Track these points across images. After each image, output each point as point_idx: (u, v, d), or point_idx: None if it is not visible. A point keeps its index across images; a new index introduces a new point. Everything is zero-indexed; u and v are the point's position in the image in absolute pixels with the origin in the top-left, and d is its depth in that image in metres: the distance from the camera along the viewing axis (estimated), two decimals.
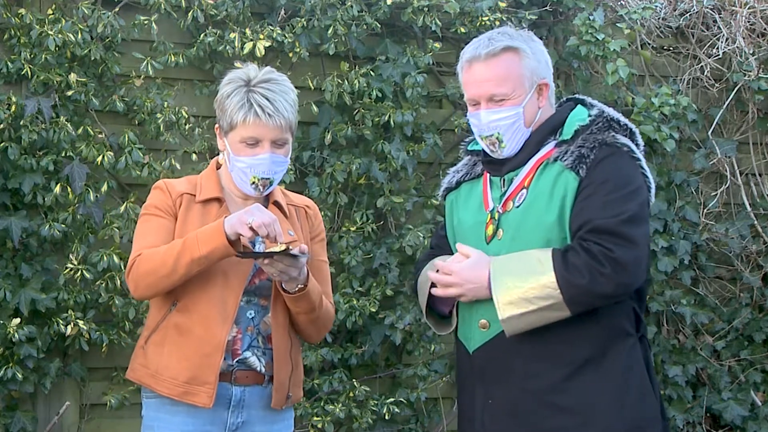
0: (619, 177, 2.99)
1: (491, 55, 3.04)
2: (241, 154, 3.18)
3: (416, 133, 5.14)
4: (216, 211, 3.23)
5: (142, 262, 3.15)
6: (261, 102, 3.15)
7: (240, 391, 3.19)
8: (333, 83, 4.95)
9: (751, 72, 5.62)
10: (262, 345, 3.22)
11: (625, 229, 2.93)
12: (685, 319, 5.59)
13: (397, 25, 5.19)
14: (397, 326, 5.05)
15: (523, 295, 2.93)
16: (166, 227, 3.21)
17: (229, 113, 3.18)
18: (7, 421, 4.56)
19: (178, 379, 3.14)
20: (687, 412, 5.60)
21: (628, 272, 2.93)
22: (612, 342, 3.03)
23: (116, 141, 4.70)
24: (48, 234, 4.54)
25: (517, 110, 3.04)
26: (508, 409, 3.03)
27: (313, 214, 3.41)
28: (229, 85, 3.22)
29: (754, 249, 5.72)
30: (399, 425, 5.18)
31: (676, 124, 5.44)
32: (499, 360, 3.04)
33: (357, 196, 5.11)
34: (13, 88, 4.60)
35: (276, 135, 3.17)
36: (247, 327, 3.20)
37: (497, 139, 3.06)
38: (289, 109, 3.19)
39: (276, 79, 3.22)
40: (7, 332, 4.44)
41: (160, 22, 4.75)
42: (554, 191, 3.01)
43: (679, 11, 5.72)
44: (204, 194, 3.24)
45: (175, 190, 3.25)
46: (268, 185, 3.22)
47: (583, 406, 2.98)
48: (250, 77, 3.20)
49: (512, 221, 3.05)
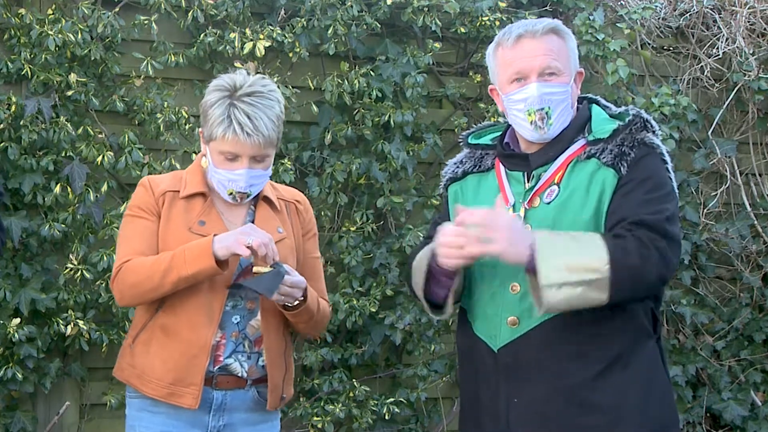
0: (658, 177, 2.99)
1: (545, 31, 3.03)
2: (220, 167, 3.16)
3: (416, 133, 5.14)
4: (201, 205, 3.21)
5: (127, 273, 3.13)
6: (241, 120, 3.09)
7: (221, 395, 3.17)
8: (333, 83, 4.95)
9: (751, 72, 5.62)
10: (248, 350, 3.19)
11: (666, 227, 2.93)
12: (685, 319, 5.59)
13: (397, 25, 5.19)
14: (397, 326, 5.05)
15: (570, 263, 2.85)
16: (149, 229, 3.19)
17: (210, 124, 3.14)
18: (7, 421, 4.56)
19: (164, 380, 3.13)
20: (687, 412, 5.60)
21: (670, 266, 2.93)
22: (637, 342, 3.02)
23: (116, 141, 4.71)
24: (48, 234, 4.54)
25: (567, 87, 3.03)
26: (537, 407, 2.99)
27: (304, 209, 3.38)
28: (215, 93, 3.17)
29: (754, 249, 5.72)
30: (399, 425, 5.18)
31: (676, 124, 5.44)
32: (527, 358, 3.00)
33: (357, 196, 5.11)
34: (13, 88, 4.61)
35: (255, 152, 3.13)
36: (231, 332, 3.17)
37: (546, 113, 3.02)
38: (270, 126, 3.13)
39: (261, 91, 3.16)
40: (7, 332, 4.44)
41: (160, 22, 4.75)
42: (591, 188, 2.98)
43: (679, 11, 5.71)
44: (188, 189, 3.22)
45: (159, 188, 3.22)
46: (246, 197, 3.20)
47: (613, 405, 2.97)
48: (236, 86, 3.15)
49: (543, 218, 3.00)
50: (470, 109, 5.33)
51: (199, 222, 3.19)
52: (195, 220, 3.19)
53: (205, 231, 3.15)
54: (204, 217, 3.20)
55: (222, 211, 3.23)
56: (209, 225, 3.17)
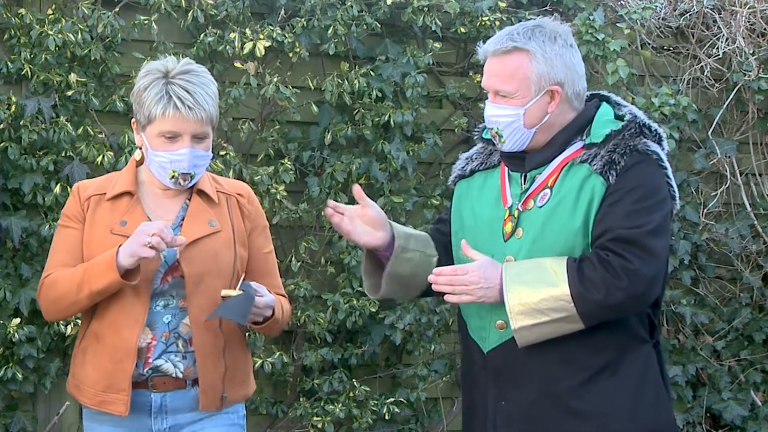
0: (647, 186, 2.95)
1: (501, 52, 3.02)
2: (160, 149, 3.06)
3: (416, 133, 5.14)
4: (126, 204, 3.12)
5: (47, 289, 3.09)
6: (180, 94, 3.02)
7: (160, 397, 3.09)
8: (333, 83, 4.95)
9: (751, 72, 5.62)
10: (182, 349, 3.09)
11: (647, 241, 2.90)
12: (685, 319, 5.59)
13: (397, 25, 5.19)
14: (397, 326, 5.05)
15: (536, 306, 2.90)
16: (74, 239, 3.12)
17: (147, 106, 3.04)
18: (7, 421, 4.56)
19: (95, 388, 3.07)
20: (687, 412, 5.59)
21: (645, 285, 2.90)
22: (628, 348, 3.01)
23: (116, 141, 4.71)
24: (48, 234, 4.54)
25: (518, 111, 3.00)
26: (523, 411, 3.00)
27: (247, 201, 3.25)
28: (147, 77, 3.09)
29: (754, 249, 5.72)
30: (399, 425, 5.17)
31: (676, 124, 5.44)
32: (515, 362, 3.01)
33: None
34: (13, 88, 4.61)
35: (196, 129, 3.04)
36: (162, 333, 3.08)
37: (497, 133, 3.05)
38: (209, 102, 3.06)
39: (195, 70, 3.10)
40: (7, 332, 4.44)
41: (160, 22, 4.75)
42: (580, 196, 2.97)
43: (679, 11, 5.71)
44: (114, 189, 3.14)
45: (85, 193, 3.16)
46: (189, 179, 3.09)
47: (599, 412, 2.96)
48: (168, 69, 3.08)
49: (534, 221, 3.00)
50: (470, 109, 5.33)
51: (121, 222, 3.10)
52: (118, 220, 3.10)
53: (126, 231, 3.04)
54: (126, 216, 3.10)
55: (152, 209, 3.14)
56: (131, 224, 3.06)
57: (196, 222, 3.11)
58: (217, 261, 3.10)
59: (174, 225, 3.11)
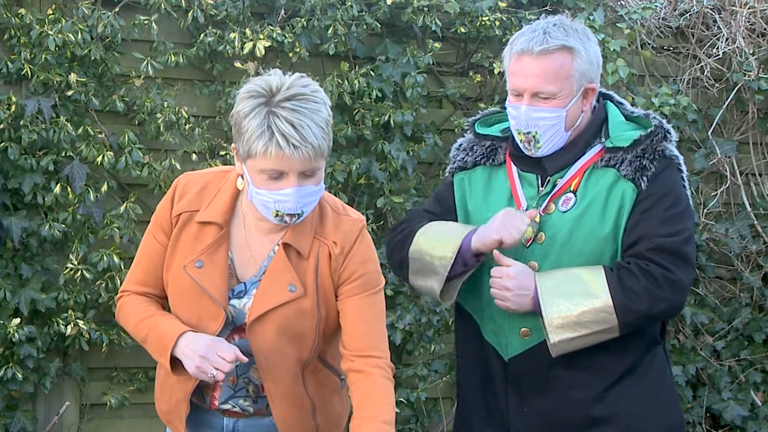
0: (676, 192, 2.93)
1: (546, 52, 2.89)
2: (263, 187, 2.65)
3: (416, 133, 5.14)
4: (212, 237, 2.76)
5: (121, 314, 2.89)
6: (285, 130, 2.57)
7: (232, 422, 2.88)
8: (333, 83, 4.95)
9: (751, 72, 5.62)
10: (252, 394, 2.85)
11: (684, 249, 2.88)
12: (685, 319, 5.59)
13: (397, 25, 5.19)
14: (397, 326, 5.05)
15: (576, 320, 2.84)
16: (158, 255, 2.83)
17: (246, 139, 2.62)
18: (7, 421, 4.56)
19: (162, 411, 2.94)
20: (687, 412, 5.59)
21: (684, 293, 2.89)
22: (648, 351, 3.01)
23: (116, 141, 4.70)
24: (48, 234, 4.54)
25: (561, 112, 2.92)
26: (547, 418, 2.98)
27: (341, 254, 2.77)
28: (248, 100, 2.65)
29: (754, 249, 5.72)
30: (399, 425, 5.17)
31: (676, 124, 5.44)
32: (539, 369, 2.98)
33: (357, 196, 5.11)
34: (13, 88, 4.60)
35: (304, 166, 2.62)
36: (228, 377, 2.81)
37: (533, 137, 2.94)
38: (319, 135, 2.60)
39: (304, 93, 2.63)
40: (7, 332, 4.44)
41: (160, 22, 4.75)
42: (609, 201, 2.92)
43: (679, 11, 5.71)
44: (206, 215, 2.78)
45: (180, 204, 2.81)
46: (297, 218, 2.70)
47: (622, 415, 2.95)
48: (272, 89, 2.63)
49: (559, 226, 2.95)
50: (470, 109, 5.32)
51: (197, 263, 2.77)
52: (197, 256, 2.77)
53: (199, 276, 2.75)
54: (206, 258, 2.76)
55: (238, 249, 2.80)
56: (208, 268, 2.75)
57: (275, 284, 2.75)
58: (294, 333, 2.77)
59: (256, 276, 2.79)
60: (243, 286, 2.79)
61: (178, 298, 2.81)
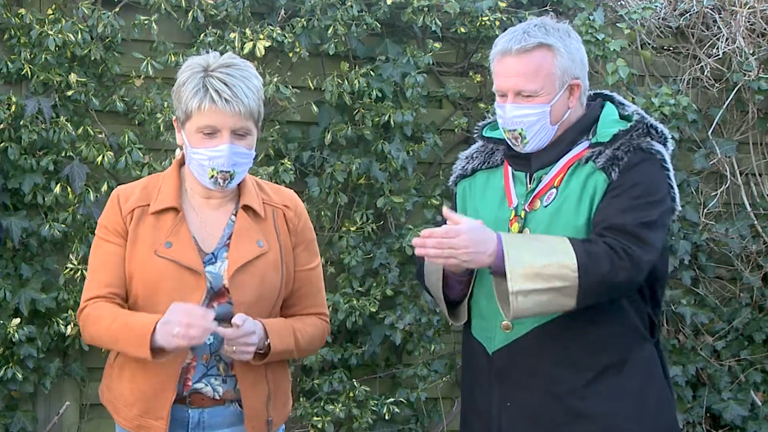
0: (648, 183, 2.95)
1: (524, 50, 2.96)
2: (199, 146, 2.90)
3: (416, 133, 5.14)
4: (171, 222, 2.95)
5: (88, 322, 2.95)
6: (217, 86, 2.86)
7: (198, 413, 2.97)
8: (333, 83, 4.95)
9: (751, 72, 5.62)
10: (223, 372, 2.97)
11: (641, 231, 2.89)
12: (685, 319, 5.59)
13: (397, 25, 5.19)
14: (397, 326, 5.05)
15: (538, 271, 2.83)
16: (117, 256, 2.95)
17: (184, 101, 2.90)
18: (7, 421, 4.56)
19: (133, 410, 2.95)
20: (687, 412, 5.60)
21: (642, 271, 2.89)
22: (631, 347, 3.00)
23: (116, 141, 4.71)
24: (48, 234, 4.54)
25: (544, 108, 2.98)
26: (528, 413, 2.99)
27: (295, 215, 3.07)
28: (186, 72, 2.94)
29: (754, 249, 5.72)
30: (399, 425, 5.17)
31: (676, 124, 5.44)
32: (520, 363, 2.99)
33: (357, 196, 5.11)
34: (13, 88, 4.61)
35: (236, 123, 2.87)
36: (203, 355, 2.94)
37: (520, 134, 3.00)
38: (249, 95, 2.88)
39: (237, 64, 2.93)
40: (7, 332, 4.44)
41: (160, 22, 4.75)
42: (584, 193, 2.96)
43: (679, 11, 5.71)
44: (158, 204, 2.97)
45: (127, 203, 2.99)
46: (229, 179, 2.92)
47: (605, 414, 2.95)
48: (209, 63, 2.93)
49: (540, 221, 2.99)
50: (470, 109, 5.33)
51: (166, 243, 2.93)
52: (162, 240, 2.93)
53: (171, 254, 2.90)
54: (172, 237, 2.94)
55: (197, 226, 2.98)
56: (177, 246, 2.92)
57: (245, 242, 2.96)
58: (265, 284, 2.97)
59: (220, 245, 2.97)
60: (211, 255, 2.96)
61: (154, 283, 2.93)
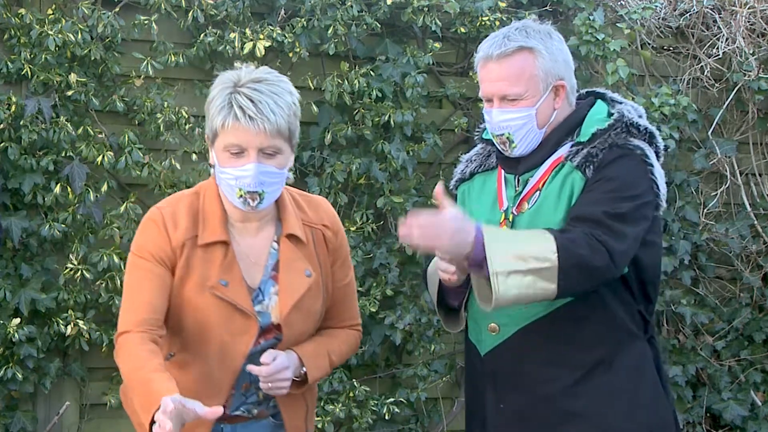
0: (623, 179, 2.93)
1: (504, 55, 2.96)
2: (226, 165, 2.75)
3: (416, 133, 5.14)
4: (221, 256, 2.81)
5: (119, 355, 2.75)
6: (242, 103, 2.70)
7: (231, 428, 2.88)
8: (333, 83, 4.95)
9: (751, 72, 5.62)
10: (261, 398, 2.88)
11: (612, 222, 2.86)
12: (685, 319, 5.59)
13: (397, 25, 5.19)
14: (397, 326, 5.05)
15: (518, 253, 2.79)
16: (163, 280, 2.78)
17: (211, 118, 2.75)
18: (7, 421, 4.56)
19: None
20: (687, 412, 5.60)
21: (614, 261, 2.85)
22: (621, 344, 2.98)
23: (116, 141, 4.70)
24: (48, 234, 4.54)
25: (530, 111, 2.97)
26: (520, 414, 2.99)
27: (332, 234, 2.94)
28: (217, 87, 2.79)
29: (754, 249, 5.72)
30: (399, 425, 5.17)
31: (676, 124, 5.44)
32: (510, 364, 3.00)
33: (357, 196, 5.11)
34: (13, 88, 4.61)
35: (262, 142, 2.71)
36: (242, 384, 2.85)
37: (507, 138, 3.00)
38: (278, 112, 2.72)
39: (268, 79, 2.77)
40: (7, 332, 4.44)
41: (160, 22, 4.75)
42: (562, 192, 2.96)
43: (679, 11, 5.71)
44: (208, 236, 2.81)
45: (177, 234, 2.80)
46: (259, 199, 2.76)
47: (595, 412, 2.94)
48: (239, 78, 2.77)
49: (524, 223, 2.99)
50: (470, 109, 5.33)
51: (221, 281, 2.79)
52: (216, 278, 2.79)
53: (228, 294, 2.78)
54: (226, 275, 2.80)
55: (240, 257, 2.83)
56: (232, 285, 2.79)
57: (293, 275, 2.84)
58: (311, 314, 2.89)
59: (265, 277, 2.86)
60: (258, 291, 2.85)
61: (202, 321, 2.80)
